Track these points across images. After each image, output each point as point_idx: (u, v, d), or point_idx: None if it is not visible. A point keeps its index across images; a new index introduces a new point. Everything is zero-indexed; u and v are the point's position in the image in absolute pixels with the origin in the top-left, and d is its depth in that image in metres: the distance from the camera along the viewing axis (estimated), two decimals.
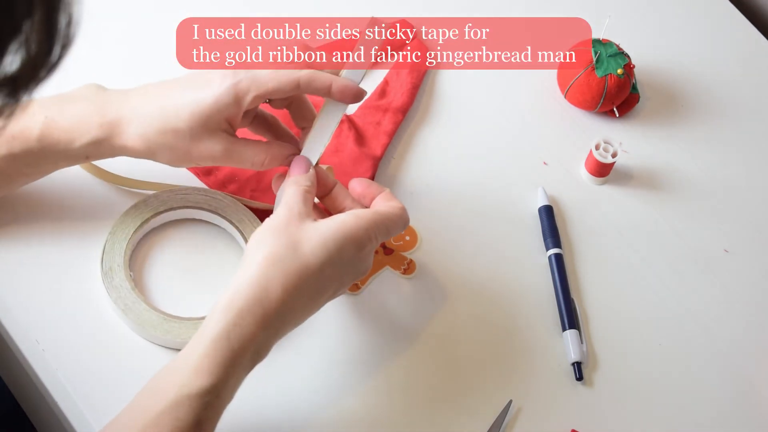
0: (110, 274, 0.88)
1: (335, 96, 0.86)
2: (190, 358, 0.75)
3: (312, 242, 0.79)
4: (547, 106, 1.07)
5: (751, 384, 0.95)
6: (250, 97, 0.84)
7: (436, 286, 0.95)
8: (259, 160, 0.86)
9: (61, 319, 0.88)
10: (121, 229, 0.90)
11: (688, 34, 1.14)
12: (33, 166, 0.86)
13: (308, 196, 0.84)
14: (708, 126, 1.08)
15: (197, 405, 0.74)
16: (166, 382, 0.75)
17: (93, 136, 0.84)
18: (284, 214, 0.81)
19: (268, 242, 0.79)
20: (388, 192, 0.87)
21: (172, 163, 0.86)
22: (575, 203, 1.02)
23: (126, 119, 0.84)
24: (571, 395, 0.92)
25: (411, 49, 1.07)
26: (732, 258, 1.01)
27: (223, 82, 0.83)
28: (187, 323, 0.87)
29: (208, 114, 0.83)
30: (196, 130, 0.83)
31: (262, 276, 0.78)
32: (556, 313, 0.95)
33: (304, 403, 0.88)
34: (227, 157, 0.85)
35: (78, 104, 0.85)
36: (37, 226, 0.92)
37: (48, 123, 0.84)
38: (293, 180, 0.85)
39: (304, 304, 0.80)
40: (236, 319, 0.76)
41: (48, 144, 0.84)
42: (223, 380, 0.75)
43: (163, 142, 0.84)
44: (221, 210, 0.92)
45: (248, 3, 1.08)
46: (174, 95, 0.84)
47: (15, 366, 0.94)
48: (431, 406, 0.90)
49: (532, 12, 1.13)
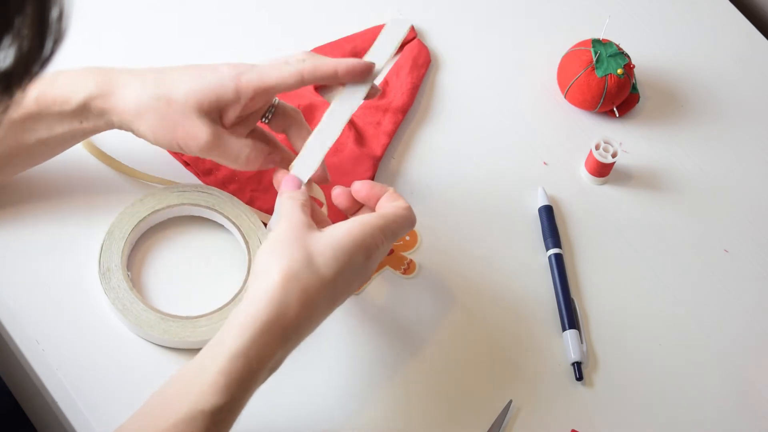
0: (108, 274, 0.88)
1: (343, 78, 0.85)
2: (205, 373, 0.74)
3: (325, 255, 0.79)
4: (547, 106, 1.07)
5: (751, 384, 0.95)
6: (251, 91, 0.84)
7: (436, 286, 0.95)
8: (244, 154, 0.86)
9: (61, 319, 0.89)
10: (118, 229, 0.90)
11: (688, 34, 1.14)
12: (31, 132, 0.85)
13: (306, 209, 0.83)
14: (708, 126, 1.08)
15: (210, 422, 0.73)
16: (178, 396, 0.74)
17: (88, 92, 0.84)
18: (290, 226, 0.81)
19: (280, 258, 0.78)
20: (393, 191, 0.86)
21: (154, 135, 0.85)
22: (575, 203, 1.02)
23: (122, 81, 0.84)
24: (571, 395, 0.92)
25: (411, 49, 1.07)
26: (732, 258, 1.01)
27: (230, 72, 0.84)
28: (185, 322, 0.87)
29: (207, 94, 0.84)
30: (190, 106, 0.84)
31: (282, 294, 0.76)
32: (556, 313, 0.95)
33: (303, 403, 0.88)
34: (212, 144, 0.85)
35: (76, 71, 0.86)
36: (37, 226, 0.92)
37: (45, 86, 0.84)
38: (288, 195, 0.84)
39: (318, 316, 0.80)
40: (255, 338, 0.75)
41: (45, 105, 0.84)
42: (238, 398, 0.75)
43: (154, 107, 0.83)
44: (218, 206, 0.92)
45: (249, 3, 1.08)
46: (176, 71, 0.85)
47: (15, 366, 0.94)
48: (431, 406, 0.90)
49: (533, 12, 1.13)
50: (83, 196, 0.94)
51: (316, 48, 1.04)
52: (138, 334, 0.88)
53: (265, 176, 0.96)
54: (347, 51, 1.04)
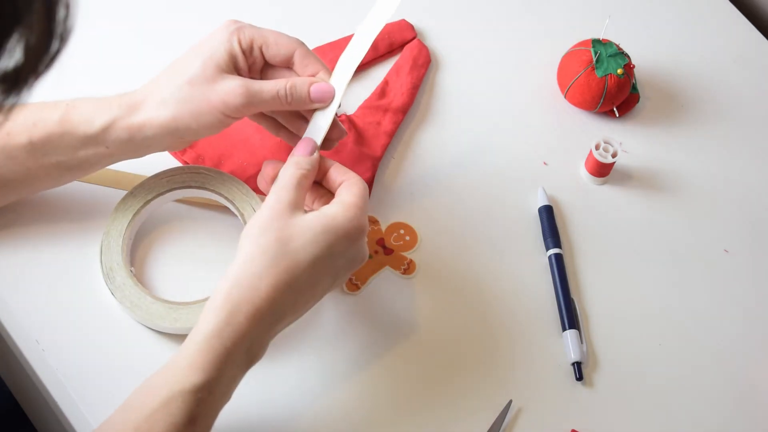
0: (111, 274, 0.88)
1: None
2: (182, 355, 0.76)
3: (304, 238, 0.79)
4: (547, 106, 1.07)
5: (751, 384, 0.95)
6: (249, 36, 0.85)
7: (436, 286, 0.95)
8: (281, 87, 0.85)
9: (61, 320, 0.89)
10: (114, 227, 0.90)
11: (688, 34, 1.14)
12: (53, 154, 0.85)
13: (304, 181, 0.83)
14: (708, 126, 1.08)
15: (190, 401, 0.74)
16: (159, 379, 0.76)
17: (112, 115, 0.84)
18: (275, 206, 0.81)
19: (258, 237, 0.79)
20: (344, 174, 0.86)
21: (198, 121, 0.84)
22: (575, 203, 1.02)
23: (143, 97, 0.85)
24: (571, 395, 0.92)
25: (411, 49, 1.07)
26: (732, 258, 1.01)
27: (227, 27, 0.86)
28: (194, 307, 0.87)
29: (218, 56, 0.84)
30: (210, 72, 0.84)
31: (253, 274, 0.78)
32: (556, 313, 0.95)
33: (303, 403, 0.88)
34: (249, 94, 0.84)
35: (98, 97, 0.86)
36: (37, 227, 0.92)
37: (68, 108, 0.84)
38: (294, 161, 0.84)
39: (296, 299, 0.80)
40: (228, 318, 0.77)
41: (68, 127, 0.84)
42: (215, 377, 0.75)
43: (182, 97, 0.84)
44: (208, 184, 0.92)
45: (251, 2, 1.08)
46: (179, 60, 0.86)
47: (15, 366, 0.94)
48: (431, 406, 0.90)
49: (532, 12, 1.13)
50: (80, 196, 0.94)
51: (316, 48, 1.04)
52: (150, 327, 0.88)
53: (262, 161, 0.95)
54: None
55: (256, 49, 0.86)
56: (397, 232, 0.97)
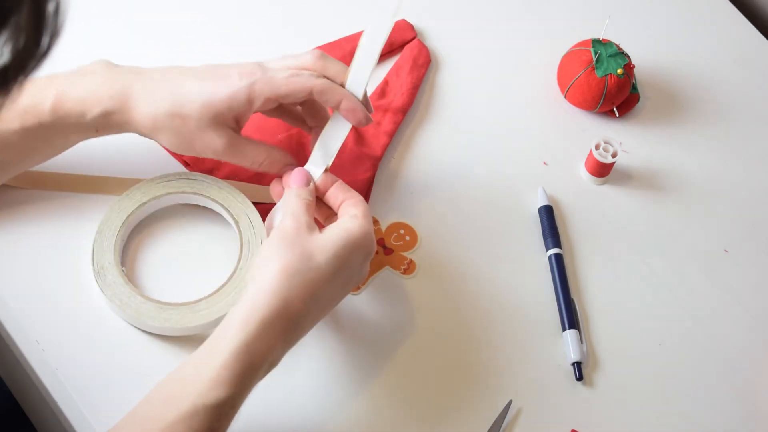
0: (102, 272, 0.88)
1: (342, 113, 0.87)
2: (207, 368, 0.75)
3: (326, 252, 0.81)
4: (547, 106, 1.07)
5: (751, 384, 0.95)
6: (263, 99, 0.85)
7: (436, 286, 0.95)
8: (258, 159, 0.88)
9: (61, 319, 0.88)
10: (108, 227, 0.90)
11: (687, 34, 1.14)
12: (45, 140, 0.86)
13: (310, 207, 0.85)
14: (708, 126, 1.08)
15: (212, 415, 0.74)
16: (180, 391, 0.75)
17: (104, 108, 0.85)
18: (292, 225, 0.82)
19: (281, 254, 0.80)
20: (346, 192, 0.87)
21: (172, 147, 0.87)
22: (575, 203, 1.02)
23: (136, 95, 0.85)
24: (571, 395, 0.92)
25: (411, 49, 1.07)
26: (732, 258, 1.01)
27: (240, 81, 0.85)
28: (184, 308, 0.87)
29: (220, 108, 0.85)
30: (205, 122, 0.85)
31: (283, 289, 0.78)
32: (556, 313, 0.95)
33: (303, 403, 0.88)
34: (229, 152, 0.87)
35: (88, 77, 0.86)
36: (37, 227, 0.92)
37: (59, 96, 0.84)
38: (295, 193, 0.86)
39: (319, 312, 0.81)
40: (257, 332, 0.76)
41: (60, 116, 0.84)
42: (239, 392, 0.76)
43: (170, 125, 0.85)
44: (205, 191, 0.92)
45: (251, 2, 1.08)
46: (188, 84, 0.86)
47: (15, 366, 0.94)
48: (431, 406, 0.90)
49: (532, 12, 1.13)
50: (80, 196, 0.94)
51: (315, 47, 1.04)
52: (139, 327, 0.88)
53: (265, 178, 0.96)
54: (347, 51, 1.04)
55: (270, 102, 0.86)
56: (397, 232, 0.97)
